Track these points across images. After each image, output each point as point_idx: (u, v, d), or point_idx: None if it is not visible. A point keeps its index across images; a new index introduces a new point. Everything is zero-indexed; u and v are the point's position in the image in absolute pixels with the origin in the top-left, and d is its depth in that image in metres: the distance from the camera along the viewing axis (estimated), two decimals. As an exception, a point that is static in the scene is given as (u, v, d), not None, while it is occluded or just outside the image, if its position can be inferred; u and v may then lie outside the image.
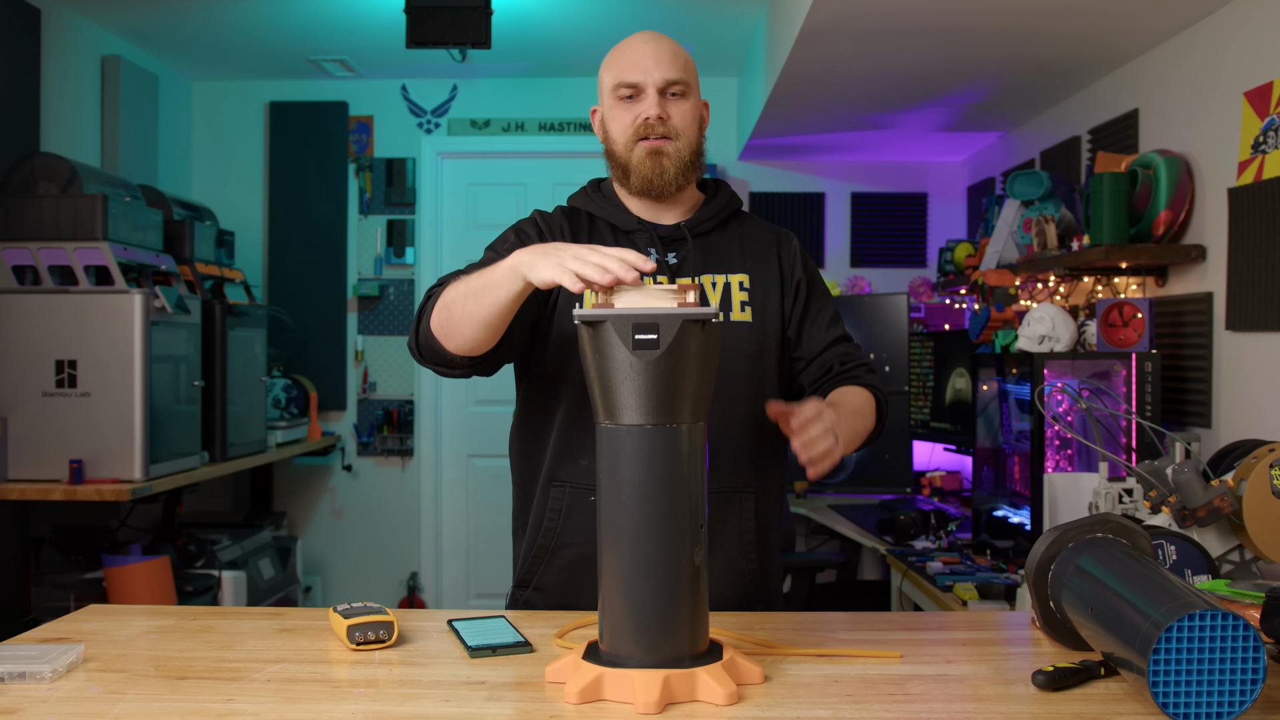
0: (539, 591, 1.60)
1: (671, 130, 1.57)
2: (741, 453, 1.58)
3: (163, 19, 3.83)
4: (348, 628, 1.32)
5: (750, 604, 1.60)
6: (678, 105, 1.58)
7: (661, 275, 1.59)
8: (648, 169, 1.58)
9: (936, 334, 4.09)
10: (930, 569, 2.81)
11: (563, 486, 1.57)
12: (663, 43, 1.59)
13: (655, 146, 1.57)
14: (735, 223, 1.69)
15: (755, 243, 1.67)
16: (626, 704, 1.11)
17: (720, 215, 1.67)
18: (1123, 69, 3.18)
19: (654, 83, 1.57)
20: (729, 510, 1.58)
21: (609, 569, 1.17)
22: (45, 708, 1.10)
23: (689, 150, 1.60)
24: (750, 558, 1.59)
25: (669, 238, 1.62)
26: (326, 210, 4.63)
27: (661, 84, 1.57)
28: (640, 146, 1.58)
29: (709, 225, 1.65)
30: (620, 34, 1.68)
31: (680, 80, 1.58)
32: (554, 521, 1.57)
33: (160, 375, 3.14)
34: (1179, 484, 1.70)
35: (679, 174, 1.59)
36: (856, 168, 4.76)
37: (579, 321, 1.17)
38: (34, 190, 3.12)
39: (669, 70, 1.57)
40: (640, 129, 1.57)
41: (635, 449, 1.15)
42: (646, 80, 1.57)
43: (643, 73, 1.57)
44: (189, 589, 3.38)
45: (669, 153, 1.58)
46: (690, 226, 1.63)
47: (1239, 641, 1.02)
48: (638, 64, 1.57)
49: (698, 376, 1.16)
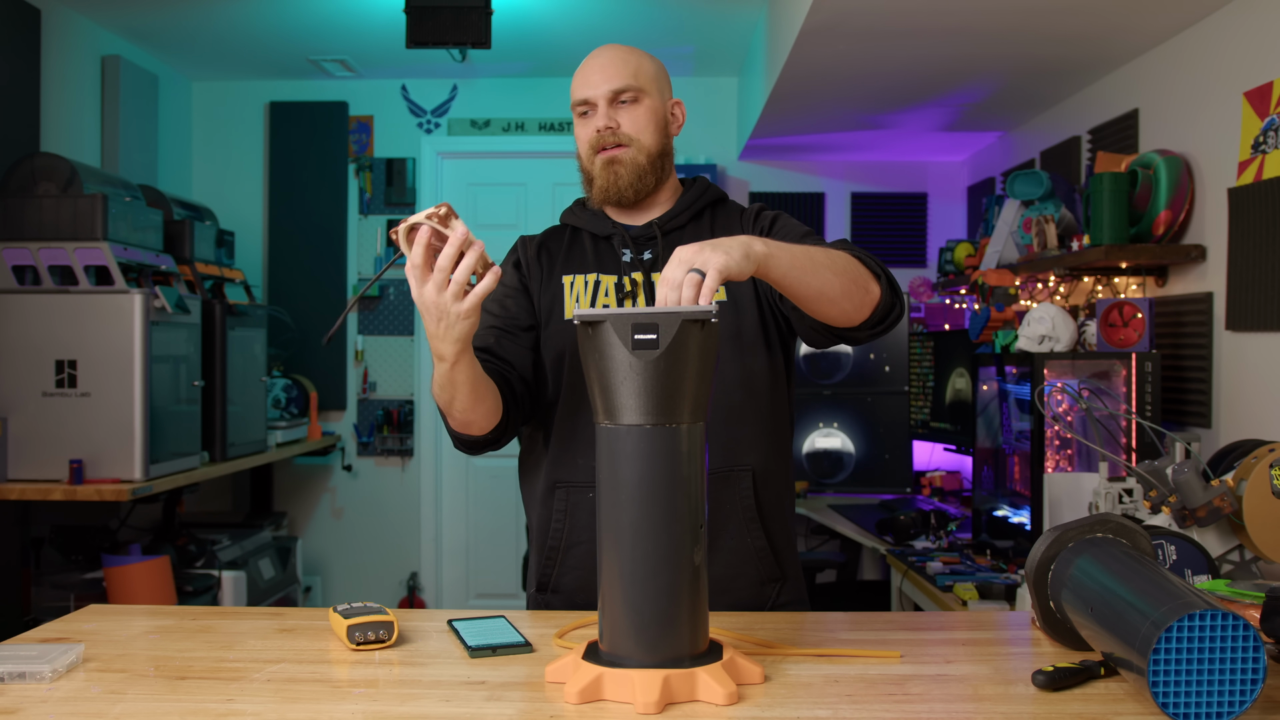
0: (556, 593, 1.62)
1: (623, 138, 1.63)
2: (734, 432, 1.59)
3: (163, 19, 3.83)
4: (348, 628, 1.32)
5: (766, 582, 1.60)
6: (628, 112, 1.64)
7: (636, 273, 1.64)
8: (605, 179, 1.65)
9: (936, 334, 4.09)
10: (930, 569, 2.81)
11: (564, 487, 1.61)
12: (612, 54, 1.65)
13: (610, 156, 1.64)
14: (711, 214, 1.71)
15: (726, 228, 1.69)
16: (626, 704, 1.11)
17: (693, 208, 1.69)
18: (1123, 69, 3.18)
19: (602, 95, 1.63)
20: (727, 491, 1.58)
21: (609, 569, 1.17)
22: (45, 708, 1.10)
23: (645, 155, 1.64)
24: (755, 535, 1.59)
25: (641, 237, 1.67)
26: (326, 210, 4.63)
27: (609, 95, 1.63)
28: (598, 159, 1.65)
29: (682, 219, 1.68)
30: (620, 34, 1.70)
31: (628, 87, 1.63)
32: (560, 523, 1.60)
33: (160, 375, 3.14)
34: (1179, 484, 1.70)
35: (635, 178, 1.64)
36: (856, 168, 4.76)
37: (578, 322, 1.17)
38: (34, 190, 3.12)
39: (615, 80, 1.62)
40: (595, 141, 1.64)
41: (635, 449, 1.15)
42: (595, 94, 1.63)
43: (591, 87, 1.64)
44: (189, 589, 3.38)
45: (623, 160, 1.63)
46: (661, 224, 1.67)
47: (1239, 641, 1.02)
48: (586, 80, 1.64)
49: (697, 376, 1.16)
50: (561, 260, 1.70)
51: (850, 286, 1.40)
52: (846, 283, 1.40)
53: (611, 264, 1.67)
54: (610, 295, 1.64)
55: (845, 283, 1.40)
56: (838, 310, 1.41)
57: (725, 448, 1.58)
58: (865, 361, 4.18)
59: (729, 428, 1.59)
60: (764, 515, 1.60)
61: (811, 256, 1.37)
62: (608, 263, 1.67)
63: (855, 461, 4.16)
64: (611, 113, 1.63)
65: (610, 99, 1.62)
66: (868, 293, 1.43)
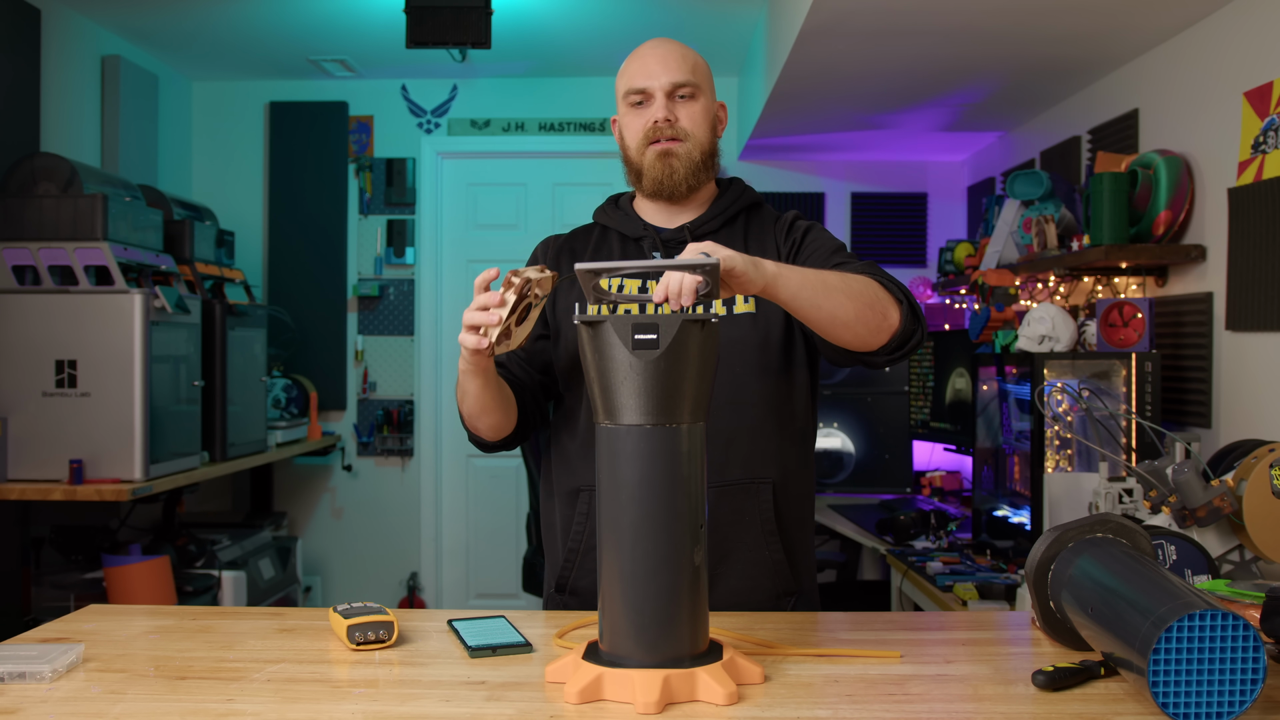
0: (574, 595, 1.63)
1: (680, 132, 1.61)
2: (756, 443, 1.58)
3: (163, 19, 3.83)
4: (348, 628, 1.32)
5: (783, 595, 1.60)
6: (686, 107, 1.62)
7: None
8: (658, 171, 1.62)
9: (936, 334, 4.09)
10: (930, 569, 2.81)
11: (590, 491, 1.60)
12: (671, 47, 1.63)
13: (665, 149, 1.62)
14: (745, 219, 1.70)
15: (759, 235, 1.68)
16: (626, 704, 1.11)
17: (727, 213, 1.68)
18: (1123, 69, 3.18)
19: (661, 87, 1.61)
20: (747, 502, 1.57)
21: (609, 569, 1.17)
22: (45, 708, 1.11)
23: (699, 151, 1.63)
24: (774, 548, 1.58)
25: (672, 240, 1.66)
26: (326, 210, 4.63)
27: (669, 87, 1.61)
28: (651, 150, 1.62)
29: (715, 224, 1.67)
30: (620, 34, 1.70)
31: (688, 82, 1.61)
32: (581, 525, 1.61)
33: (160, 375, 3.14)
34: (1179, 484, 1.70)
35: (689, 174, 1.63)
36: (856, 168, 4.76)
37: (578, 323, 1.17)
38: (34, 190, 3.12)
39: (676, 73, 1.61)
40: (650, 132, 1.62)
41: (635, 449, 1.15)
42: (654, 85, 1.61)
43: (650, 78, 1.61)
44: (189, 589, 3.38)
45: (679, 154, 1.62)
46: (693, 228, 1.66)
47: (1239, 641, 1.02)
48: (646, 70, 1.62)
49: (697, 377, 1.16)
50: (589, 260, 1.68)
51: (865, 312, 1.39)
52: (861, 308, 1.39)
53: None
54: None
55: (860, 308, 1.39)
56: (851, 334, 1.41)
57: (747, 460, 1.58)
58: (865, 361, 4.18)
59: (752, 440, 1.58)
60: (783, 528, 1.60)
61: (825, 280, 1.37)
62: None
63: (855, 461, 4.16)
64: (670, 106, 1.61)
65: (669, 91, 1.61)
66: (885, 318, 1.42)
